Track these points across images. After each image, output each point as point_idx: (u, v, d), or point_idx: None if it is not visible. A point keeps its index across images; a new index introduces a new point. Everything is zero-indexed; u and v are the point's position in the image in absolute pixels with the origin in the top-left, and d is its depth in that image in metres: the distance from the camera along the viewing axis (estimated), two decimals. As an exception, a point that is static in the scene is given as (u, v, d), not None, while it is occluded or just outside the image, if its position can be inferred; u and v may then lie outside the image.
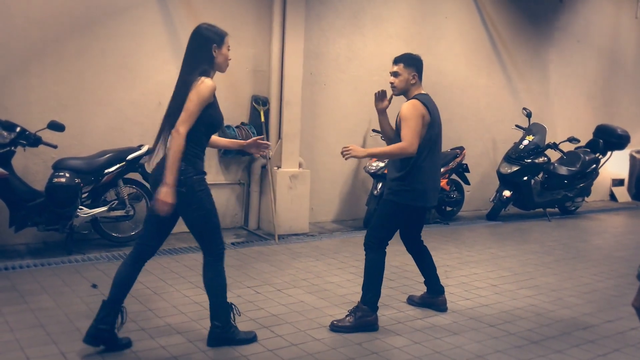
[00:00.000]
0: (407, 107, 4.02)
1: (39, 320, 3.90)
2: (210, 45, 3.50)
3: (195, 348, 3.61)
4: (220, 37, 3.55)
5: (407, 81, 4.11)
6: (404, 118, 3.99)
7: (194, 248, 5.98)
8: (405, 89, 4.14)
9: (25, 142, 5.25)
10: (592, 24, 10.31)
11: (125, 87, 6.13)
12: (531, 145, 8.36)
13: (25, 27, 5.56)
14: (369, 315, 4.05)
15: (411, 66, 4.11)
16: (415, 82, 4.13)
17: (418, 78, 4.15)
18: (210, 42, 3.51)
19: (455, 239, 7.07)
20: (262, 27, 6.84)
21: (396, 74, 4.12)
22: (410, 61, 4.12)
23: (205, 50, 3.50)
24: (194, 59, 3.52)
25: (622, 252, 6.85)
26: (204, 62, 3.51)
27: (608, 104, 10.88)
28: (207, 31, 3.54)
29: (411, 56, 4.17)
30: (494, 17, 8.99)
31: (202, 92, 3.41)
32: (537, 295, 5.02)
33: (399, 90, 4.15)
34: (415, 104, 4.02)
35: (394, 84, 4.13)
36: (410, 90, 4.14)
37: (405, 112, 3.99)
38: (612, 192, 11.19)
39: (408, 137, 3.93)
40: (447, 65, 8.53)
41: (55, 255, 5.42)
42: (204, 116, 3.44)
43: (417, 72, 4.13)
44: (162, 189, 3.30)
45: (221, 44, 3.55)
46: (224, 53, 3.57)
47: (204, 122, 3.45)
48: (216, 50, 3.52)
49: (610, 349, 3.96)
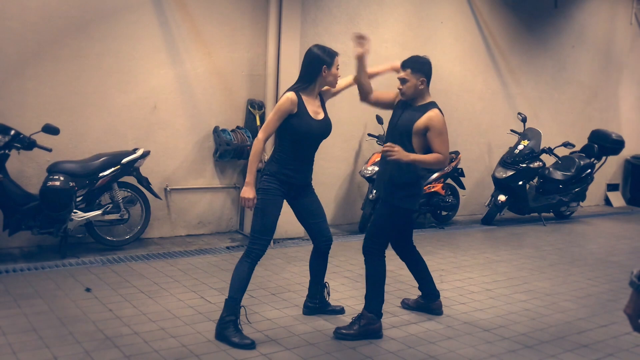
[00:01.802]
0: (438, 120, 3.96)
1: (32, 324, 3.88)
2: (321, 67, 3.91)
3: (189, 352, 3.60)
4: (331, 57, 3.94)
5: (416, 87, 4.03)
6: (438, 131, 3.93)
7: (189, 252, 5.97)
8: (415, 95, 4.06)
9: (19, 145, 5.24)
10: (587, 30, 10.35)
11: (121, 91, 6.13)
12: (526, 150, 8.38)
13: (19, 30, 5.56)
14: (374, 323, 4.00)
15: (419, 72, 4.03)
16: (424, 87, 4.06)
17: (426, 83, 4.07)
18: (321, 62, 3.92)
19: (450, 244, 7.07)
20: (258, 31, 6.84)
21: (404, 80, 4.04)
22: (418, 66, 4.04)
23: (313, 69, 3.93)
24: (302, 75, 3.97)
25: (616, 256, 6.87)
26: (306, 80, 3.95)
27: (603, 109, 10.92)
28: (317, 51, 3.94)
29: (419, 60, 4.08)
30: (489, 22, 9.02)
31: (279, 104, 3.86)
32: (531, 300, 5.02)
33: (408, 97, 4.07)
34: (440, 116, 3.99)
35: (402, 90, 4.06)
36: (421, 95, 4.07)
37: (440, 126, 3.95)
38: (607, 197, 11.23)
39: (444, 150, 3.94)
40: (443, 70, 8.54)
41: (49, 259, 5.40)
42: (287, 126, 3.87)
43: (425, 77, 4.05)
44: (244, 187, 3.84)
45: (331, 65, 3.94)
46: (333, 73, 3.96)
47: (287, 131, 3.88)
48: (326, 70, 3.92)
49: (604, 353, 3.96)
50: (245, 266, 3.86)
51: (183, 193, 6.63)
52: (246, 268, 3.86)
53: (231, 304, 3.81)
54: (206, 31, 6.54)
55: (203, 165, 6.72)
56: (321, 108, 4.04)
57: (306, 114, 3.89)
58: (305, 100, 3.93)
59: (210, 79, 6.65)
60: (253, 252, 3.87)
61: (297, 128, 3.87)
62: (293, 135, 3.90)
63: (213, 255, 5.90)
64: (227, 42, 6.69)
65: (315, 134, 3.95)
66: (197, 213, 6.75)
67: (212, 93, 6.68)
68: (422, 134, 3.96)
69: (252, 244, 3.89)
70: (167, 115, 6.43)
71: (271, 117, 3.86)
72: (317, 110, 3.98)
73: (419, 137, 3.98)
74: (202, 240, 6.51)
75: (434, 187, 7.75)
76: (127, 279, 4.97)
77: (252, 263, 3.88)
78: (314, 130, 3.92)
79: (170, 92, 6.42)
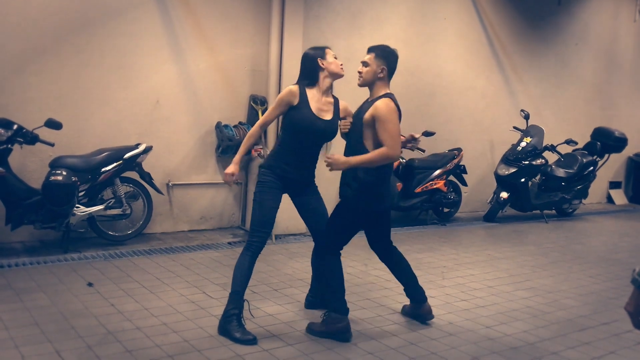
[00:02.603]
0: (383, 108, 3.69)
1: (34, 318, 3.89)
2: (315, 60, 3.96)
3: (191, 347, 3.61)
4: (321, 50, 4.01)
5: (375, 74, 3.82)
6: (382, 120, 3.66)
7: (191, 247, 5.98)
8: (371, 81, 3.85)
9: (22, 139, 5.24)
10: (590, 27, 10.32)
11: (123, 86, 6.12)
12: (529, 147, 8.37)
13: (22, 25, 5.55)
14: (339, 322, 3.87)
15: (382, 58, 3.82)
16: (384, 76, 3.82)
17: (387, 74, 3.84)
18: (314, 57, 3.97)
19: (452, 240, 7.07)
20: (261, 27, 6.83)
21: (365, 63, 3.86)
22: (382, 53, 3.84)
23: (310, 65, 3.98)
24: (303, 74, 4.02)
25: (618, 254, 6.86)
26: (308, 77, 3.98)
27: (606, 106, 10.90)
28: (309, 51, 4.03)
29: (386, 49, 3.88)
30: (492, 19, 9.00)
31: (279, 95, 3.96)
32: (533, 297, 5.02)
33: (364, 81, 3.87)
34: (389, 104, 3.72)
35: (362, 73, 3.86)
36: (376, 84, 3.85)
37: (384, 113, 3.67)
38: (609, 195, 11.21)
39: (390, 142, 3.64)
40: (446, 66, 8.53)
41: (52, 254, 5.41)
42: (287, 118, 3.94)
43: (386, 67, 3.82)
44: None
45: (324, 55, 3.97)
46: (330, 61, 3.97)
47: (287, 124, 3.95)
48: (322, 62, 3.95)
49: (605, 351, 3.96)
50: (246, 259, 3.87)
51: (185, 188, 6.63)
52: (247, 262, 3.87)
53: (234, 297, 3.82)
54: (209, 27, 6.54)
55: (205, 160, 6.72)
56: (332, 109, 4.01)
57: (307, 108, 3.89)
58: (310, 95, 3.93)
59: (213, 74, 6.64)
60: (253, 245, 3.89)
61: (295, 121, 3.89)
62: (291, 128, 3.93)
63: (215, 251, 5.91)
64: (229, 38, 6.68)
65: (314, 131, 3.91)
66: (199, 208, 6.75)
67: (215, 89, 6.68)
68: (371, 125, 3.73)
69: (251, 236, 3.91)
70: (169, 110, 6.43)
71: (271, 106, 4.01)
72: (324, 109, 3.96)
73: (370, 131, 3.75)
74: (204, 236, 6.51)
75: (436, 183, 7.75)
76: (129, 273, 4.98)
77: (253, 256, 3.89)
78: (312, 126, 3.89)
79: (172, 88, 6.41)
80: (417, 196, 7.64)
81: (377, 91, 3.86)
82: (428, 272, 5.55)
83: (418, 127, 8.02)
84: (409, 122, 8.16)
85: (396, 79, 4.05)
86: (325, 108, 3.97)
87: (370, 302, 4.65)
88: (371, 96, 3.90)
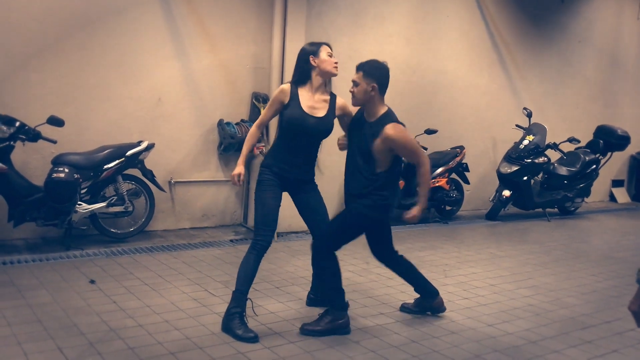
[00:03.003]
0: (396, 135, 3.74)
1: (37, 315, 3.89)
2: (307, 57, 3.94)
3: (193, 345, 3.61)
4: (316, 46, 3.97)
5: (366, 92, 3.80)
6: (402, 146, 3.78)
7: (193, 245, 5.98)
8: (364, 100, 3.85)
9: (24, 136, 5.24)
10: (593, 25, 10.29)
11: (125, 83, 6.12)
12: (531, 145, 8.35)
13: (25, 22, 5.55)
14: (340, 318, 3.93)
15: (370, 77, 3.78)
16: (376, 94, 3.80)
17: (378, 91, 3.80)
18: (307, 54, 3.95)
19: (454, 238, 7.07)
20: (263, 24, 6.82)
21: (355, 83, 3.84)
22: (369, 70, 3.80)
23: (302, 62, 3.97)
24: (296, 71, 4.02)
25: (621, 253, 6.85)
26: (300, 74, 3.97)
27: (609, 104, 10.87)
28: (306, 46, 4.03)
29: (373, 64, 3.84)
30: (495, 16, 8.97)
31: (272, 94, 4.01)
32: (535, 295, 5.02)
33: (357, 101, 3.88)
34: (397, 127, 3.77)
35: (354, 92, 3.86)
36: (373, 102, 3.84)
37: (399, 140, 3.76)
38: (612, 193, 11.19)
39: (418, 158, 3.84)
40: (448, 64, 8.51)
41: (54, 251, 5.42)
42: (281, 117, 3.97)
43: (377, 84, 3.78)
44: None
45: (317, 53, 3.93)
46: (323, 59, 3.93)
47: (281, 122, 3.98)
48: (314, 60, 3.92)
49: (608, 349, 3.96)
50: (250, 259, 3.87)
51: (187, 186, 6.63)
52: (252, 260, 3.86)
53: (237, 296, 3.82)
54: (211, 24, 6.53)
55: (207, 158, 6.72)
56: (326, 107, 3.99)
57: (298, 106, 3.89)
58: (302, 93, 3.93)
59: (215, 72, 6.64)
60: (257, 244, 3.88)
61: (287, 119, 3.92)
62: (284, 127, 3.96)
63: (217, 248, 5.91)
64: (232, 36, 6.67)
65: (305, 128, 3.90)
66: (201, 206, 6.75)
67: (217, 86, 6.67)
68: (386, 152, 3.80)
69: (256, 236, 3.91)
70: (171, 108, 6.42)
71: (267, 106, 4.07)
72: (316, 107, 3.94)
73: (383, 155, 3.81)
74: (206, 233, 6.51)
75: (439, 181, 7.74)
76: (131, 271, 4.98)
77: (258, 255, 3.88)
78: (303, 124, 3.88)
79: (175, 85, 6.41)
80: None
81: (373, 110, 3.86)
82: (430, 270, 5.55)
83: (420, 125, 8.01)
84: (411, 120, 8.15)
85: (398, 76, 4.05)
86: (318, 105, 3.95)
87: (373, 300, 4.65)
88: (367, 113, 3.91)
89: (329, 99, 4.03)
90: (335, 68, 3.97)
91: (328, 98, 4.03)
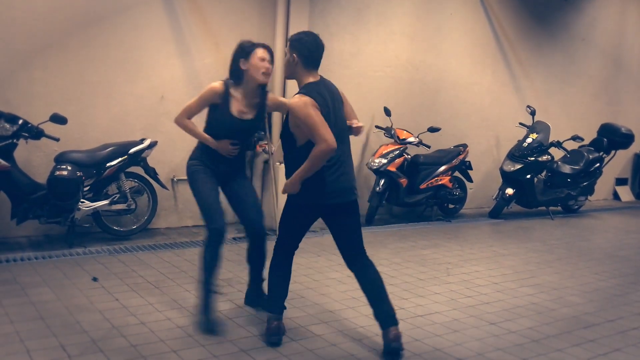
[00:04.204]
0: (295, 105, 3.38)
1: (40, 312, 3.90)
2: (238, 60, 3.84)
3: (195, 342, 3.61)
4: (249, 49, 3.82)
5: (289, 64, 3.56)
6: (302, 118, 3.36)
7: (195, 242, 5.98)
8: (290, 72, 3.59)
9: (27, 134, 5.25)
10: (597, 23, 10.26)
11: (128, 81, 6.12)
12: (535, 143, 8.33)
13: (28, 20, 5.55)
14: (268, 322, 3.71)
15: (293, 48, 3.53)
16: (300, 67, 3.52)
17: (302, 62, 3.51)
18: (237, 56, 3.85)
19: (457, 237, 7.06)
20: (266, 22, 6.81)
21: (285, 54, 3.62)
22: (293, 42, 3.55)
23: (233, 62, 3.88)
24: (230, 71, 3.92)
25: (624, 251, 6.83)
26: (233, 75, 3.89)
27: (612, 102, 10.84)
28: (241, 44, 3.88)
29: (297, 37, 3.58)
30: (499, 14, 8.95)
31: (202, 91, 3.92)
32: (538, 294, 5.00)
33: (284, 72, 3.66)
34: (300, 100, 3.39)
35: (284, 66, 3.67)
36: (298, 74, 3.56)
37: (298, 110, 3.36)
38: (616, 191, 11.16)
39: (319, 138, 3.31)
40: (451, 62, 8.50)
41: (57, 248, 5.42)
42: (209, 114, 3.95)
43: (298, 55, 3.50)
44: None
45: (248, 56, 3.81)
46: (253, 64, 3.80)
47: (210, 119, 3.95)
48: (244, 63, 3.81)
49: (611, 348, 3.94)
50: (208, 250, 3.84)
51: (190, 184, 6.63)
52: (209, 252, 3.84)
53: (201, 287, 3.84)
54: (214, 22, 6.53)
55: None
56: (255, 110, 3.93)
57: (227, 110, 3.85)
58: (234, 95, 3.87)
59: (218, 69, 6.62)
60: (210, 233, 3.83)
61: (214, 121, 3.90)
62: (212, 124, 3.93)
63: (219, 246, 5.90)
64: (235, 33, 6.66)
65: (232, 132, 3.89)
66: (204, 204, 6.74)
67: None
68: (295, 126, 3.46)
69: (206, 226, 3.85)
70: (174, 105, 6.40)
71: (195, 99, 3.94)
72: (245, 110, 3.89)
73: (298, 130, 3.46)
74: (208, 231, 6.51)
75: (442, 179, 7.73)
76: (134, 268, 4.99)
77: (214, 244, 3.81)
78: (231, 127, 3.87)
79: (177, 83, 6.41)
80: (422, 192, 7.62)
81: (299, 81, 3.58)
82: (433, 269, 5.54)
83: (423, 123, 8.00)
84: (414, 117, 8.16)
85: (401, 74, 4.00)
86: (246, 109, 3.90)
87: (375, 298, 4.63)
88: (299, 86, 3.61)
89: (259, 100, 3.94)
90: (264, 75, 3.80)
91: (258, 100, 3.94)
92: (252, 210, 4.02)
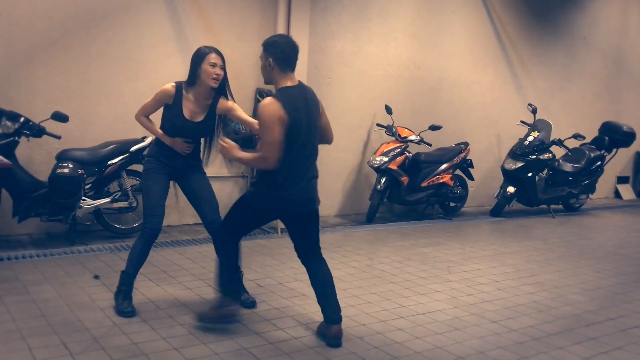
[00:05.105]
0: (261, 109, 3.37)
1: (41, 310, 3.91)
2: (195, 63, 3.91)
3: (196, 340, 3.62)
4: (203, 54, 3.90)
5: (265, 68, 3.56)
6: (260, 124, 3.39)
7: (197, 240, 5.99)
8: (268, 76, 3.57)
9: (29, 132, 5.25)
10: (598, 21, 10.25)
11: (130, 79, 6.12)
12: (536, 141, 8.33)
13: (29, 17, 5.55)
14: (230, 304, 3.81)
15: (266, 52, 3.53)
16: (276, 70, 3.51)
17: (277, 65, 3.49)
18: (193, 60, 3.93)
19: (458, 235, 7.06)
20: (267, 19, 6.81)
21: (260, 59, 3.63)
22: (266, 46, 3.56)
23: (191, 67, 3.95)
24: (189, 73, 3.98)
25: (625, 249, 6.83)
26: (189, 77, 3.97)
27: (614, 100, 10.83)
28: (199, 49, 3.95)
29: (270, 40, 3.58)
30: (500, 12, 8.94)
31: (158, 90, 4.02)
32: (539, 292, 5.01)
33: (264, 79, 3.63)
34: (269, 106, 3.36)
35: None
36: (274, 78, 3.54)
37: (261, 116, 3.36)
38: (617, 190, 11.16)
39: (264, 147, 3.37)
40: (453, 60, 8.49)
41: (58, 246, 5.43)
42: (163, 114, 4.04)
43: (272, 58, 3.49)
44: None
45: (200, 62, 3.89)
46: (204, 69, 3.89)
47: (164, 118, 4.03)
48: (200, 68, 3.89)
49: (612, 346, 3.95)
50: (138, 245, 4.00)
51: (191, 182, 6.63)
52: (139, 247, 4.00)
53: (124, 276, 4.01)
54: (215, 19, 6.52)
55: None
56: (206, 112, 4.02)
57: (179, 112, 3.95)
58: (186, 97, 3.95)
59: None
60: (145, 231, 3.98)
61: (166, 120, 4.01)
62: (165, 124, 4.02)
63: (221, 244, 5.91)
64: (236, 31, 6.67)
65: (184, 133, 4.00)
66: (205, 202, 6.75)
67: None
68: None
69: (144, 223, 4.00)
70: (175, 103, 6.42)
71: (150, 99, 4.08)
72: (197, 111, 3.98)
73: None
74: (210, 229, 6.52)
75: (443, 178, 7.73)
76: (135, 266, 4.99)
77: (146, 241, 3.99)
78: (182, 128, 3.97)
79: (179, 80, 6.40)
80: (423, 190, 7.62)
81: (275, 85, 3.57)
82: (434, 267, 5.54)
83: (424, 121, 8.00)
84: (415, 115, 8.15)
85: (403, 72, 4.00)
86: (198, 110, 4.00)
87: (376, 297, 4.64)
88: None
89: (211, 102, 4.03)
90: (214, 80, 3.89)
91: (210, 102, 4.03)
92: (207, 205, 4.13)
